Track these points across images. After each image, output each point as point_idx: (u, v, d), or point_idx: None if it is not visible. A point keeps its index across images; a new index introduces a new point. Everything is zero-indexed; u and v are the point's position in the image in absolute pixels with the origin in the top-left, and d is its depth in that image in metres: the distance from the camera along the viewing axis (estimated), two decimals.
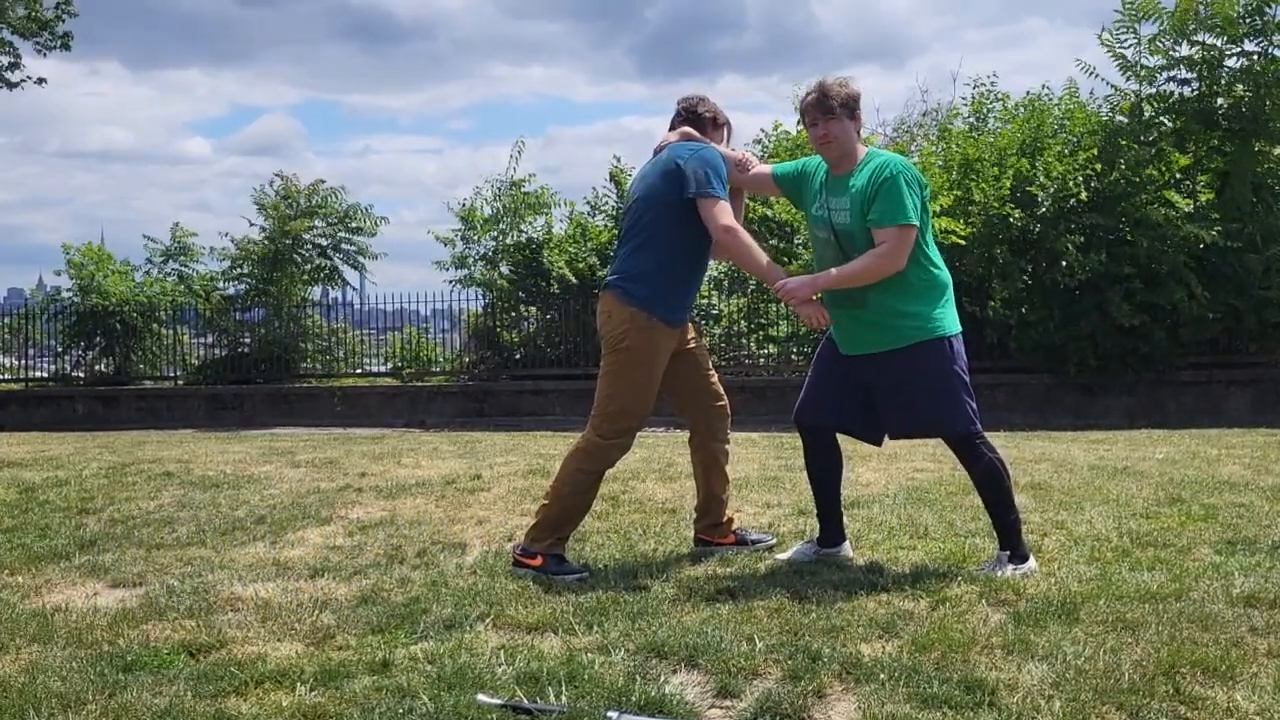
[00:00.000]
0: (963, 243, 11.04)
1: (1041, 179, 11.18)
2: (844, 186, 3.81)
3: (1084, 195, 11.09)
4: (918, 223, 3.72)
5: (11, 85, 15.72)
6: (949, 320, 3.83)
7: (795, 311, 3.93)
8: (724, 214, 3.86)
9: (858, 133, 3.89)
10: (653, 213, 3.94)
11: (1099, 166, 11.21)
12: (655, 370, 3.95)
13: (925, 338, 3.77)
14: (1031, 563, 3.81)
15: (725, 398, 4.25)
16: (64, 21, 15.64)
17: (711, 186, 3.86)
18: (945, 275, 3.88)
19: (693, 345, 4.18)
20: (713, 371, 4.25)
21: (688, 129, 4.09)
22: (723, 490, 4.24)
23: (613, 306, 3.95)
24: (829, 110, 3.82)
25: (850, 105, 3.84)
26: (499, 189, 14.01)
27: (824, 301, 3.88)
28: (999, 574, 3.70)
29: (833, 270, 3.81)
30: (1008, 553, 3.80)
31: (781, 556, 4.08)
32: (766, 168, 4.20)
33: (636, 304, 3.89)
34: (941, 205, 11.01)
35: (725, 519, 4.26)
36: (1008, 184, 11.22)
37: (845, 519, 4.33)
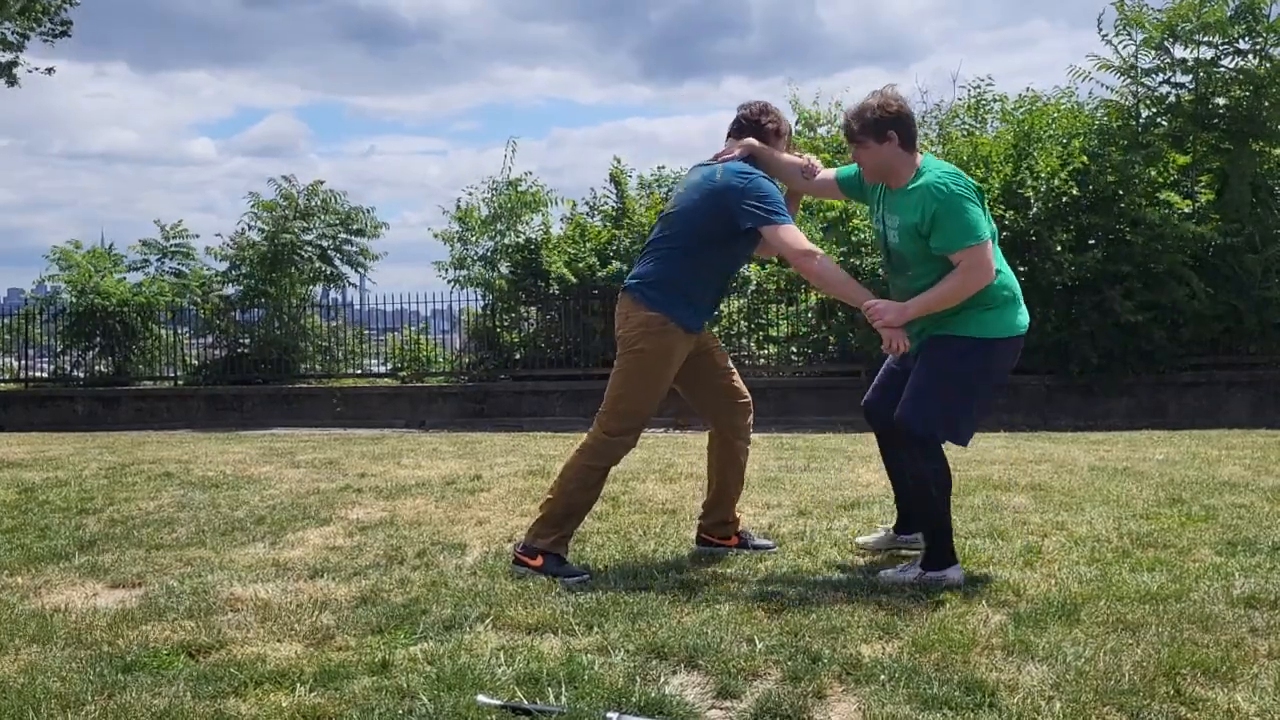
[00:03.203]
0: None
1: (1030, 181, 11.20)
2: (898, 203, 3.73)
3: (1075, 191, 11.10)
4: (987, 236, 3.62)
5: (12, 80, 15.64)
6: (992, 324, 3.71)
7: (878, 331, 3.79)
8: (798, 239, 3.84)
9: (904, 148, 3.73)
10: (686, 230, 3.95)
11: (1085, 160, 11.21)
12: (667, 373, 3.97)
13: (957, 332, 3.70)
14: (949, 574, 3.65)
15: (748, 395, 4.26)
16: (65, 10, 15.53)
17: (775, 214, 3.82)
18: (1003, 279, 3.75)
19: (711, 346, 4.20)
20: (733, 369, 4.26)
21: (751, 141, 4.03)
22: (736, 490, 4.26)
23: (630, 308, 3.98)
24: (852, 137, 3.80)
25: (878, 128, 3.72)
26: (496, 189, 14.01)
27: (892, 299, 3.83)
28: (902, 576, 3.66)
29: (922, 295, 3.69)
30: (919, 557, 3.75)
31: (862, 540, 4.15)
32: (830, 172, 4.14)
33: (655, 308, 3.90)
34: None
35: (732, 519, 4.26)
36: (996, 183, 11.26)
37: (846, 520, 4.33)
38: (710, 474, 4.27)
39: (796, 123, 14.84)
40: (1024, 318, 3.81)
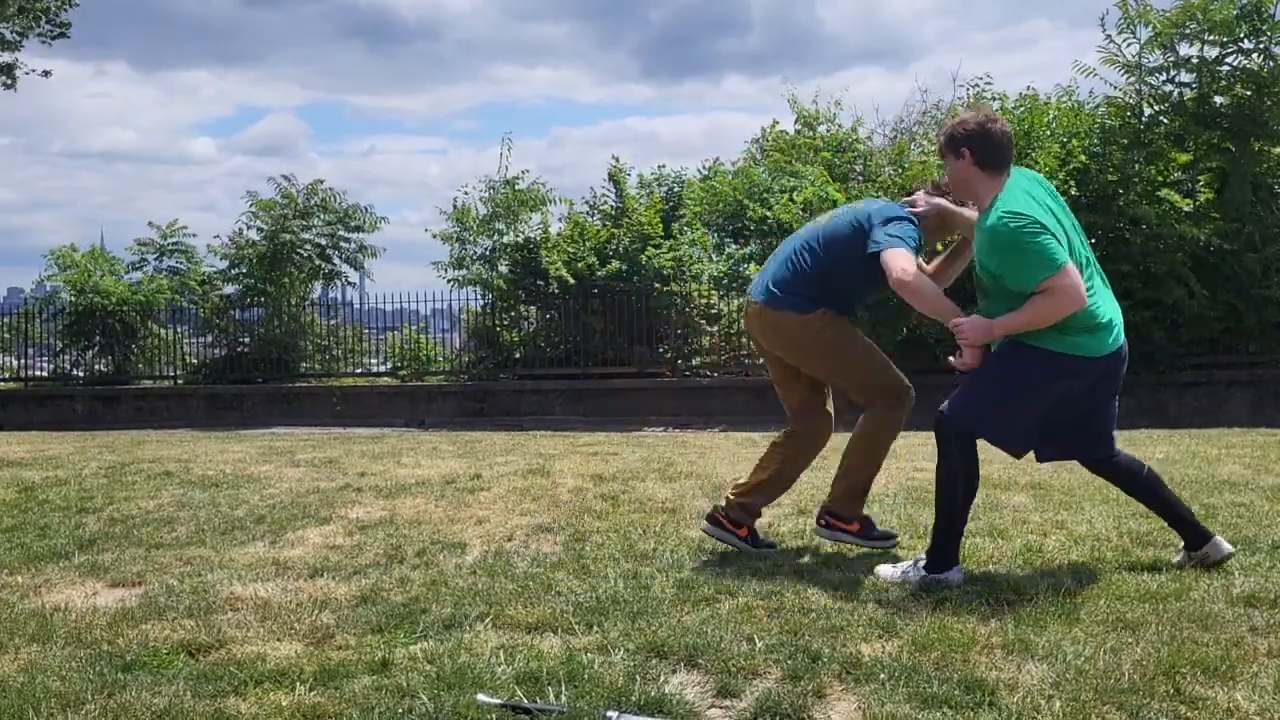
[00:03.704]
0: (941, 247, 11.07)
1: None
2: (977, 231, 3.72)
3: (1075, 190, 11.09)
4: (1064, 261, 3.51)
5: (11, 82, 15.62)
6: (1058, 340, 3.62)
7: (962, 346, 3.79)
8: (897, 266, 3.89)
9: (979, 167, 3.71)
10: (826, 249, 4.10)
11: (1084, 159, 11.21)
12: (857, 336, 4.16)
13: (1023, 340, 3.65)
14: (950, 575, 3.64)
15: (833, 414, 4.37)
16: (66, 10, 15.50)
17: (893, 240, 3.96)
18: (1091, 308, 3.63)
19: None
20: (831, 393, 4.37)
21: (942, 201, 4.15)
22: (781, 489, 4.40)
23: (779, 318, 4.12)
24: (939, 151, 3.85)
25: (953, 143, 3.73)
26: (494, 188, 14.00)
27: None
28: (900, 577, 3.65)
29: (1009, 315, 3.65)
30: (922, 558, 3.74)
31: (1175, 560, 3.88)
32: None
33: (811, 309, 4.06)
34: None
35: (758, 512, 4.33)
36: None
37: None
38: (766, 464, 4.32)
39: (796, 122, 14.83)
40: (1099, 342, 3.65)
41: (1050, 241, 3.55)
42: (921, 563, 3.71)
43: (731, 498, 4.30)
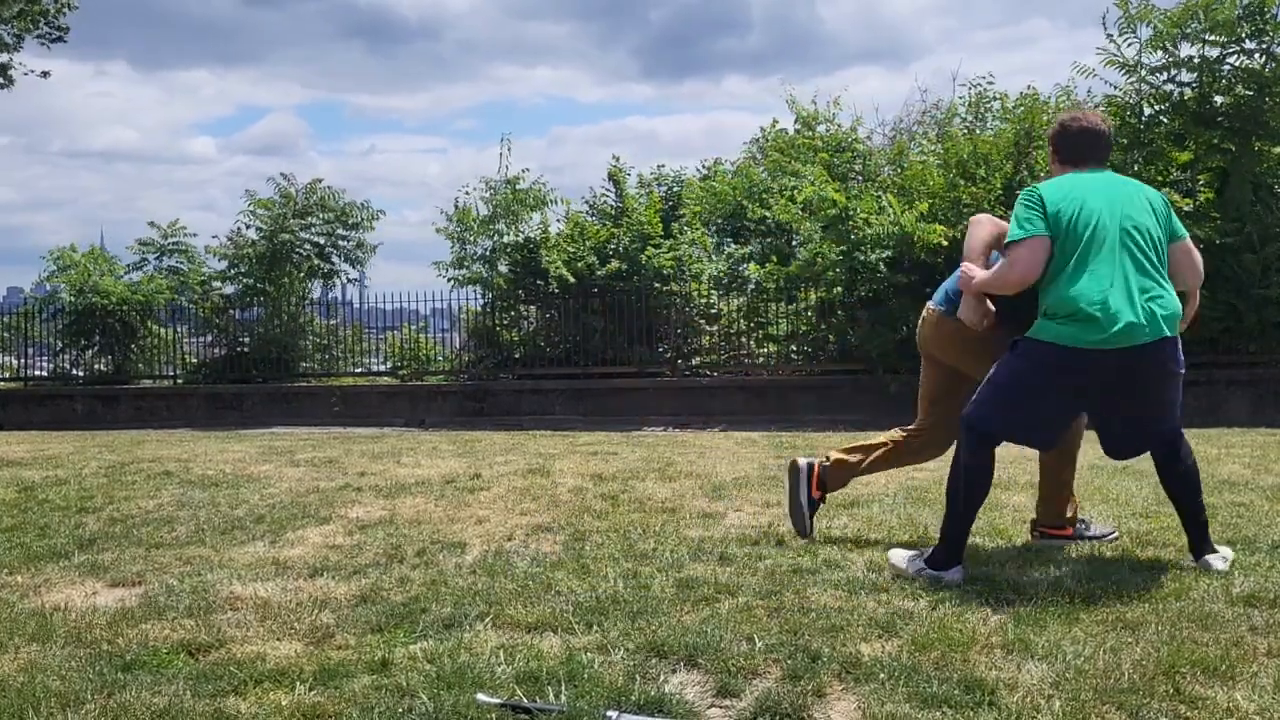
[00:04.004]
0: (945, 244, 11.07)
1: (1030, 180, 11.20)
2: None
3: None
4: (1030, 232, 3.62)
5: (5, 82, 15.61)
6: (1044, 329, 3.67)
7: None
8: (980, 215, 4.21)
9: (1058, 162, 3.93)
10: None
11: None
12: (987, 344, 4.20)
13: (1027, 334, 3.75)
14: (948, 575, 3.64)
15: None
16: (64, 15, 15.52)
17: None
18: (1073, 294, 3.62)
19: None
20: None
21: None
22: (865, 471, 4.50)
23: (951, 327, 4.18)
24: None
25: (1048, 144, 3.98)
26: (495, 188, 14.00)
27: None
28: (904, 567, 3.70)
29: (984, 272, 3.86)
30: (928, 550, 3.77)
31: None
32: None
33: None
34: (927, 209, 11.12)
35: (844, 482, 4.49)
36: (999, 184, 11.26)
37: (846, 519, 4.29)
38: (886, 440, 4.44)
39: (795, 122, 14.84)
40: (1086, 334, 3.62)
41: (1030, 213, 3.66)
42: (926, 555, 3.73)
43: (840, 455, 4.45)
